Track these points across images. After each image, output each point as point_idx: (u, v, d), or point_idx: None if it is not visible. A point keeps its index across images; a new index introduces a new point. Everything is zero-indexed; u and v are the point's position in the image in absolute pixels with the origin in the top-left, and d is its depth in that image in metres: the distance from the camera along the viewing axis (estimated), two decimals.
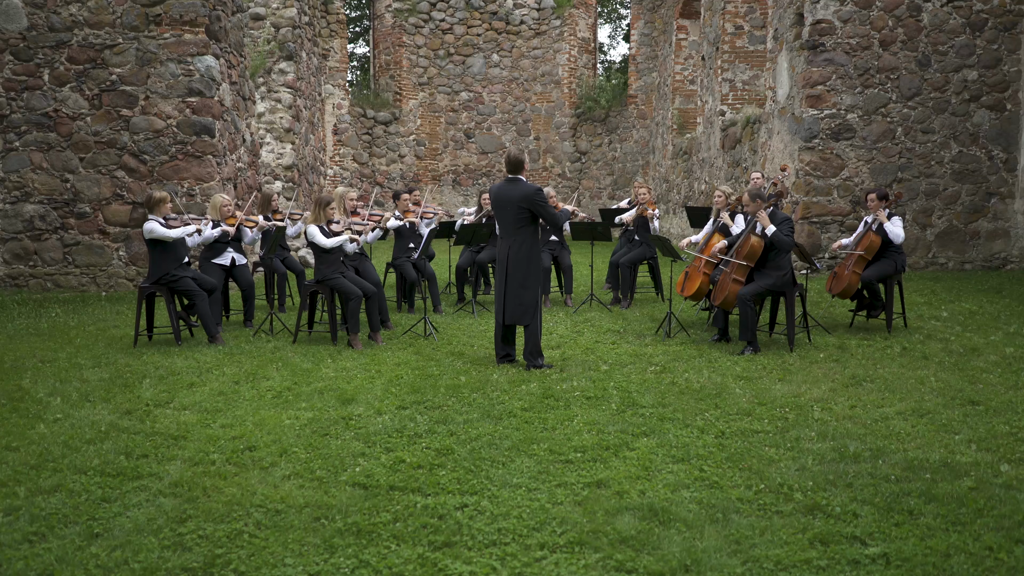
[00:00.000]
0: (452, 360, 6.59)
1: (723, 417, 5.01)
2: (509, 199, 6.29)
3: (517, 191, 6.28)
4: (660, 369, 6.34)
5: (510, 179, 6.38)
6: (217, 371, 6.20)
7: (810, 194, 10.97)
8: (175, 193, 10.54)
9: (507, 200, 6.30)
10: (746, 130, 13.09)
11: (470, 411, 5.16)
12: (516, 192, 6.28)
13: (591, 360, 6.62)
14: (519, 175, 6.36)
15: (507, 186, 6.36)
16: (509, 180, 6.38)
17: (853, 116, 10.93)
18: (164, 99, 10.48)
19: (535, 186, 6.36)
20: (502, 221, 6.39)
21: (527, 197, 6.23)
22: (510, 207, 6.28)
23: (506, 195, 6.32)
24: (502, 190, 6.38)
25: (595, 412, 5.14)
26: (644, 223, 9.26)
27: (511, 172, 6.39)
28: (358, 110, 19.80)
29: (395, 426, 4.84)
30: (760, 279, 6.94)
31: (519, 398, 5.45)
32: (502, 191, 6.37)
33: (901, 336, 7.42)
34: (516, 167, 6.36)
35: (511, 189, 6.32)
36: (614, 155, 20.38)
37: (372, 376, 6.03)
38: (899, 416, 5.02)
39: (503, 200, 6.34)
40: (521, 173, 6.37)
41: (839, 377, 6.04)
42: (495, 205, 6.44)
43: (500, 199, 6.37)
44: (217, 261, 7.91)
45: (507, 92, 20.85)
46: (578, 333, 7.82)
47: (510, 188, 6.33)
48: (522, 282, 6.33)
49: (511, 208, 6.28)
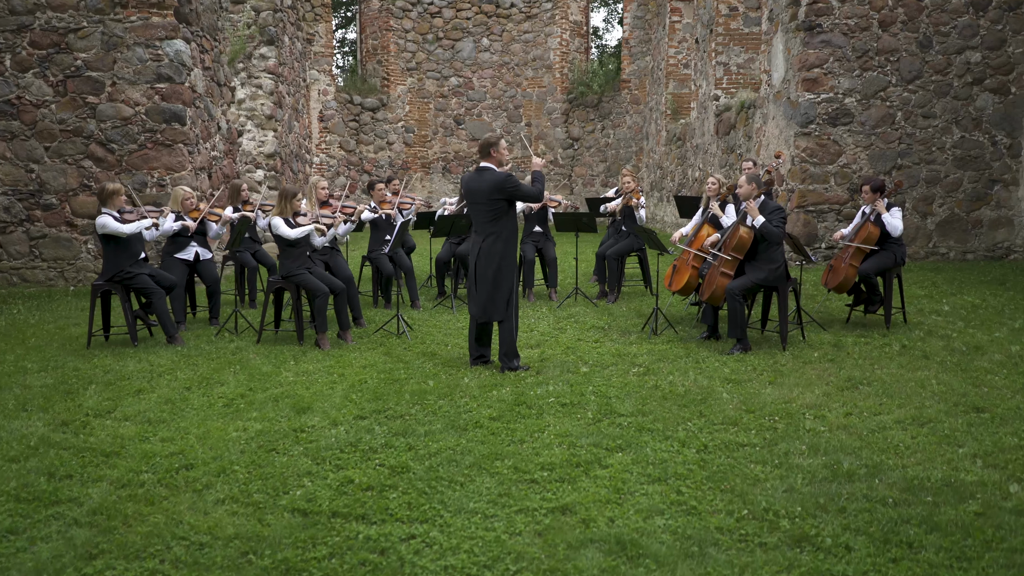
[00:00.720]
0: (423, 362, 6.19)
1: (707, 427, 4.62)
2: (479, 191, 5.87)
3: (486, 181, 5.85)
4: (643, 371, 5.94)
5: (480, 168, 5.96)
6: (169, 376, 5.80)
7: (806, 182, 10.55)
8: (145, 184, 10.14)
9: (477, 192, 5.88)
10: (740, 115, 12.65)
11: (434, 421, 4.77)
12: (485, 183, 5.85)
13: (571, 361, 6.22)
14: (488, 162, 5.93)
15: (477, 177, 5.93)
16: (480, 170, 5.96)
17: (851, 100, 10.49)
18: (132, 85, 10.03)
19: (504, 172, 5.91)
20: (475, 214, 5.98)
21: (497, 187, 5.81)
22: (482, 198, 5.87)
23: (476, 187, 5.90)
24: (472, 181, 5.95)
25: (569, 422, 4.75)
26: (631, 213, 8.85)
27: (480, 157, 5.98)
28: (345, 96, 19.32)
29: (349, 439, 4.45)
30: (750, 272, 6.53)
31: (489, 405, 5.06)
32: (472, 183, 5.95)
33: (900, 332, 7.03)
34: (483, 150, 5.93)
35: (480, 180, 5.89)
36: (607, 141, 19.92)
37: (334, 381, 5.64)
38: (898, 425, 4.63)
39: (473, 192, 5.92)
40: (491, 157, 5.92)
41: (834, 379, 5.65)
42: (467, 198, 6.02)
43: (471, 191, 5.95)
44: (180, 256, 7.50)
45: (497, 77, 20.37)
46: (560, 330, 7.42)
47: (480, 179, 5.90)
48: (495, 277, 5.92)
49: (483, 199, 5.86)
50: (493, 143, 5.94)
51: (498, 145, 5.97)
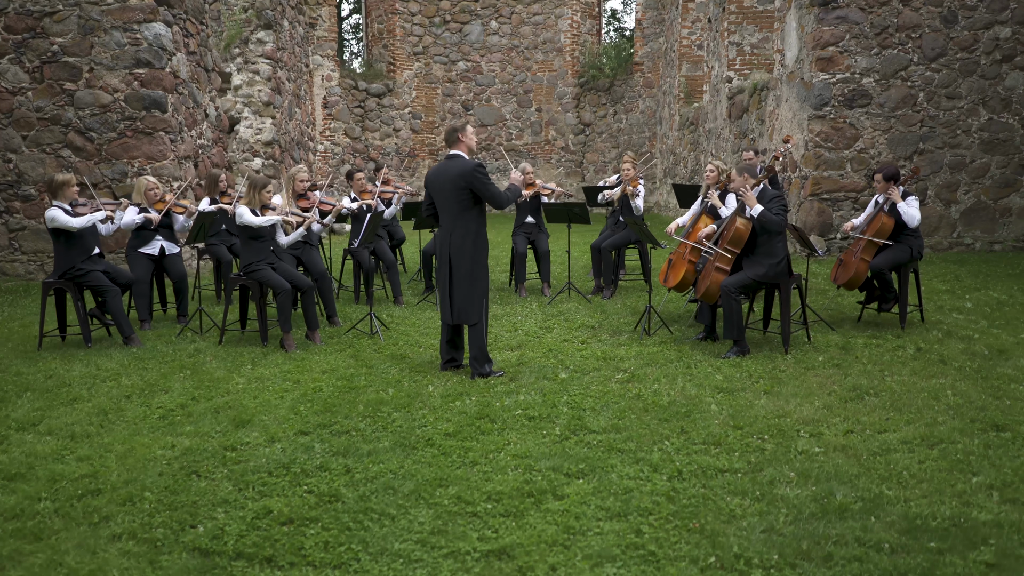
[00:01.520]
0: (389, 366, 5.72)
1: (685, 448, 4.10)
2: (445, 179, 5.37)
3: (454, 168, 5.36)
4: (628, 377, 5.43)
5: (449, 156, 5.46)
6: (113, 382, 5.38)
7: (820, 168, 9.91)
8: (125, 174, 9.76)
9: (443, 180, 5.38)
10: (753, 98, 11.99)
11: (382, 437, 4.29)
12: (453, 169, 5.36)
13: (550, 366, 5.72)
14: (457, 149, 5.44)
15: (445, 164, 5.45)
16: (448, 158, 5.46)
17: (869, 80, 9.81)
18: (110, 71, 9.62)
19: (473, 161, 5.42)
20: (441, 205, 5.47)
21: (464, 175, 5.31)
22: (447, 188, 5.37)
23: (442, 174, 5.41)
24: (438, 169, 5.47)
25: (532, 439, 4.25)
26: (629, 202, 8.29)
27: (448, 145, 5.48)
28: (349, 82, 18.85)
29: (283, 460, 3.99)
30: (748, 268, 5.97)
31: (448, 419, 4.57)
32: (438, 170, 5.46)
33: (916, 333, 6.44)
34: (450, 138, 5.45)
35: (447, 167, 5.41)
36: (619, 126, 19.28)
37: (286, 389, 5.18)
38: (904, 446, 4.08)
39: (439, 180, 5.42)
40: (460, 143, 5.44)
41: (837, 389, 5.09)
42: (431, 186, 5.50)
43: (436, 180, 5.45)
44: (144, 251, 7.08)
45: (507, 61, 19.78)
46: (546, 329, 6.91)
47: (447, 165, 5.42)
48: (468, 275, 5.43)
49: (448, 188, 5.36)
50: (459, 128, 5.47)
51: (465, 130, 5.49)
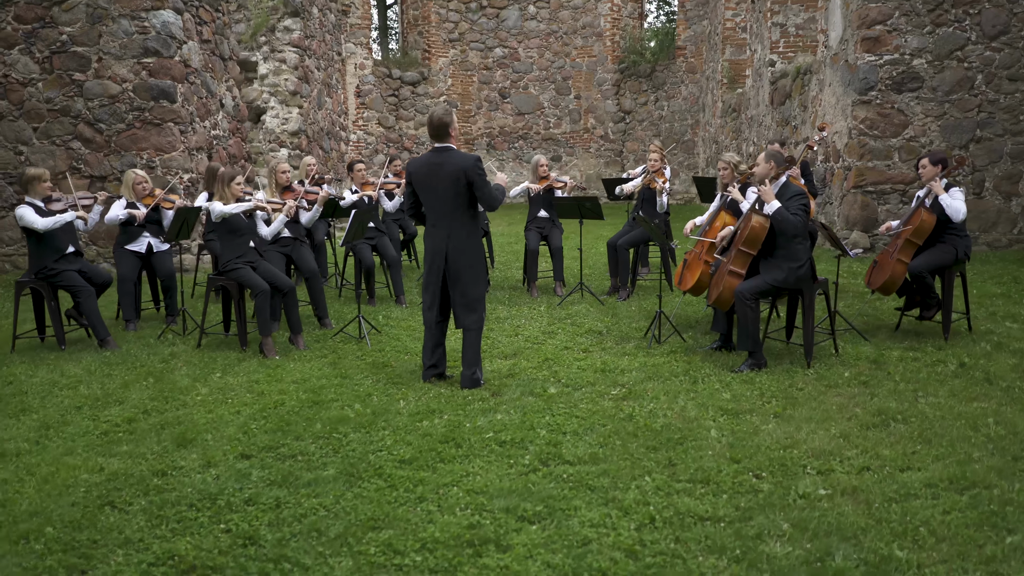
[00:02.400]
0: (365, 376, 5.28)
1: (667, 485, 3.55)
2: (439, 173, 4.90)
3: (450, 162, 4.88)
4: (623, 394, 4.88)
5: (438, 148, 4.97)
6: (71, 390, 5.06)
7: (864, 158, 9.12)
8: (134, 166, 9.52)
9: (438, 174, 4.90)
10: (796, 83, 11.20)
11: (330, 464, 3.85)
12: (449, 163, 4.89)
13: (541, 379, 5.20)
14: (447, 142, 4.97)
15: (435, 157, 4.96)
16: (437, 150, 4.97)
17: (920, 62, 8.97)
18: (118, 60, 9.39)
19: (473, 155, 4.97)
20: (435, 202, 4.98)
21: (466, 169, 4.84)
22: (444, 183, 4.89)
23: (435, 168, 4.92)
24: (430, 163, 4.97)
25: (495, 470, 3.75)
26: (652, 196, 7.69)
27: (437, 138, 4.98)
28: (383, 70, 18.49)
29: (213, 489, 3.58)
30: (766, 272, 5.35)
31: (409, 442, 4.10)
32: (430, 164, 4.96)
33: (961, 345, 5.73)
34: (441, 131, 4.96)
35: (441, 160, 4.92)
36: (661, 114, 18.51)
37: (246, 402, 4.78)
38: (927, 491, 3.45)
39: (432, 175, 4.93)
40: (450, 136, 4.97)
41: (860, 412, 4.46)
42: (420, 183, 5.00)
43: (428, 174, 4.95)
44: (131, 248, 6.78)
45: (545, 47, 19.16)
46: (549, 335, 6.39)
47: (439, 159, 4.93)
48: (471, 278, 4.98)
49: (446, 184, 4.89)
50: (449, 120, 4.99)
51: (453, 122, 5.02)
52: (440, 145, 4.97)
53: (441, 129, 4.95)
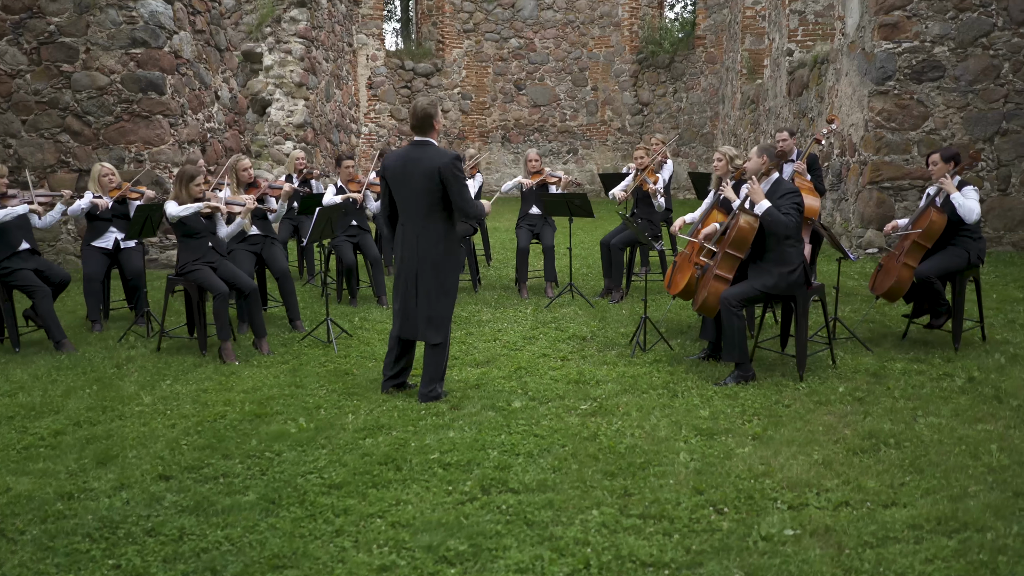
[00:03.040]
0: (320, 386, 4.95)
1: (616, 520, 3.17)
2: (414, 170, 4.49)
3: (427, 158, 4.49)
4: (593, 409, 4.50)
5: (417, 142, 4.58)
6: (9, 397, 4.80)
7: (881, 152, 8.59)
8: (122, 159, 9.31)
9: (412, 171, 4.50)
10: (813, 73, 10.66)
11: (252, 487, 3.52)
12: (425, 160, 4.49)
13: (509, 390, 4.84)
14: (428, 136, 4.58)
15: (413, 152, 4.55)
16: (416, 144, 4.57)
17: (942, 50, 8.42)
18: (106, 51, 9.17)
19: (451, 152, 4.56)
20: (405, 201, 4.57)
21: (441, 167, 4.43)
22: (416, 180, 4.49)
23: (411, 164, 4.52)
24: (406, 157, 4.55)
25: (430, 499, 3.40)
26: (647, 196, 7.26)
27: (418, 130, 4.58)
28: (395, 61, 18.17)
29: (117, 516, 3.27)
30: (754, 277, 4.92)
31: (345, 463, 3.77)
32: (406, 159, 4.54)
33: (972, 356, 5.25)
34: (424, 123, 4.55)
35: (418, 155, 4.51)
36: (679, 106, 17.98)
37: (185, 414, 4.47)
38: (911, 532, 3.03)
39: (405, 171, 4.52)
40: (433, 130, 4.57)
41: (849, 434, 4.03)
42: (393, 178, 4.59)
43: (402, 170, 4.54)
44: (98, 244, 6.54)
45: (561, 37, 18.71)
46: (530, 340, 6.02)
47: (417, 154, 4.53)
48: (439, 286, 4.60)
49: (418, 182, 4.48)
50: (433, 111, 4.56)
51: (438, 115, 4.62)
52: (420, 139, 4.57)
53: (424, 121, 4.53)
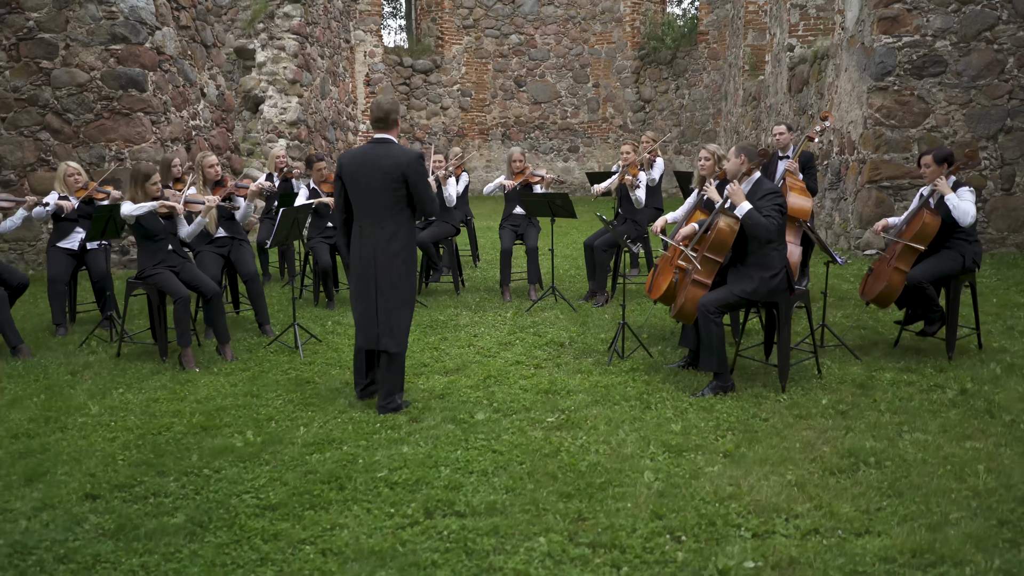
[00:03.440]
0: (276, 396, 4.73)
1: (562, 550, 2.93)
2: (375, 167, 4.28)
3: (389, 155, 4.28)
4: (560, 422, 4.26)
5: (377, 140, 4.36)
6: None
7: (880, 150, 8.30)
8: (102, 158, 9.14)
9: (372, 169, 4.28)
10: (813, 68, 10.37)
11: (182, 508, 3.30)
12: (388, 157, 4.28)
13: (474, 400, 4.60)
14: (389, 133, 4.37)
15: (373, 150, 4.33)
16: (376, 142, 4.36)
17: (944, 44, 8.11)
18: (85, 47, 8.98)
19: (415, 151, 4.36)
20: (364, 200, 4.35)
21: (404, 164, 4.24)
22: (376, 179, 4.27)
23: (369, 162, 4.30)
24: (366, 154, 4.34)
25: (369, 523, 3.17)
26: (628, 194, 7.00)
27: (380, 126, 4.37)
28: (394, 58, 17.96)
29: (33, 540, 3.06)
30: (734, 282, 4.67)
31: (286, 481, 3.54)
32: (365, 156, 4.33)
33: (967, 366, 4.98)
34: (387, 119, 4.35)
35: (379, 153, 4.31)
36: (681, 103, 17.69)
37: (129, 426, 4.26)
38: (883, 566, 2.78)
39: (364, 170, 4.30)
40: (395, 127, 4.37)
41: (827, 452, 3.78)
42: (350, 177, 4.36)
43: (359, 169, 4.32)
44: (63, 245, 6.35)
45: (562, 33, 18.45)
46: (506, 346, 5.78)
47: (377, 151, 4.32)
48: (398, 294, 4.39)
49: (379, 180, 4.27)
50: (396, 109, 4.38)
51: (399, 112, 4.41)
52: (380, 136, 4.37)
53: (387, 117, 4.34)
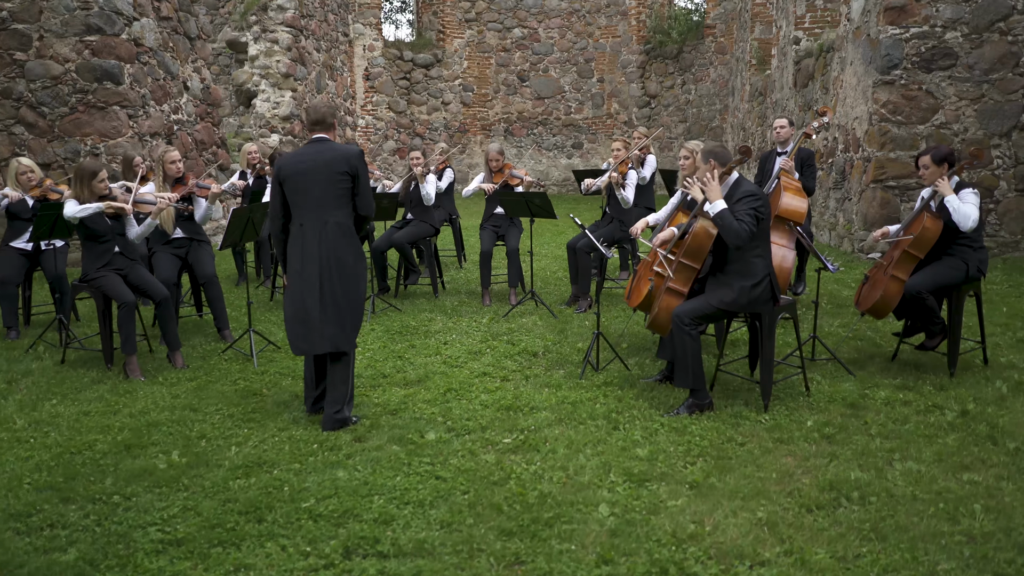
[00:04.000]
0: (215, 410, 4.39)
1: None
2: (317, 163, 4.10)
3: (331, 151, 4.13)
4: (516, 443, 3.89)
5: (316, 140, 4.22)
6: None
7: (886, 147, 7.86)
8: (78, 153, 8.85)
9: (314, 166, 4.10)
10: (819, 62, 9.92)
11: (77, 543, 2.97)
12: (329, 152, 4.12)
13: (428, 417, 4.25)
14: (328, 133, 4.25)
15: (313, 148, 4.18)
16: (315, 141, 4.22)
17: (954, 35, 7.66)
18: (60, 39, 8.69)
19: (357, 147, 4.16)
20: (306, 198, 4.12)
21: (347, 158, 4.10)
22: (320, 175, 4.09)
23: (310, 159, 4.12)
24: (305, 154, 4.17)
25: (278, 565, 2.82)
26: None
27: (316, 129, 4.23)
28: (394, 52, 17.61)
29: None
30: (712, 291, 4.28)
31: (200, 511, 3.20)
32: (305, 155, 4.16)
33: (969, 384, 4.57)
34: (324, 120, 4.23)
35: (320, 150, 4.15)
36: (688, 98, 17.22)
37: (47, 444, 3.93)
38: None
39: (308, 166, 4.11)
40: (333, 129, 4.27)
41: (807, 484, 3.39)
42: (290, 176, 4.14)
43: (301, 166, 4.12)
44: (16, 245, 6.06)
45: (566, 27, 18.03)
46: (475, 355, 5.42)
47: (318, 149, 4.16)
48: (345, 291, 4.13)
49: (323, 176, 4.09)
50: (333, 114, 4.29)
51: (336, 115, 4.22)
52: (319, 136, 4.23)
53: (325, 116, 4.23)
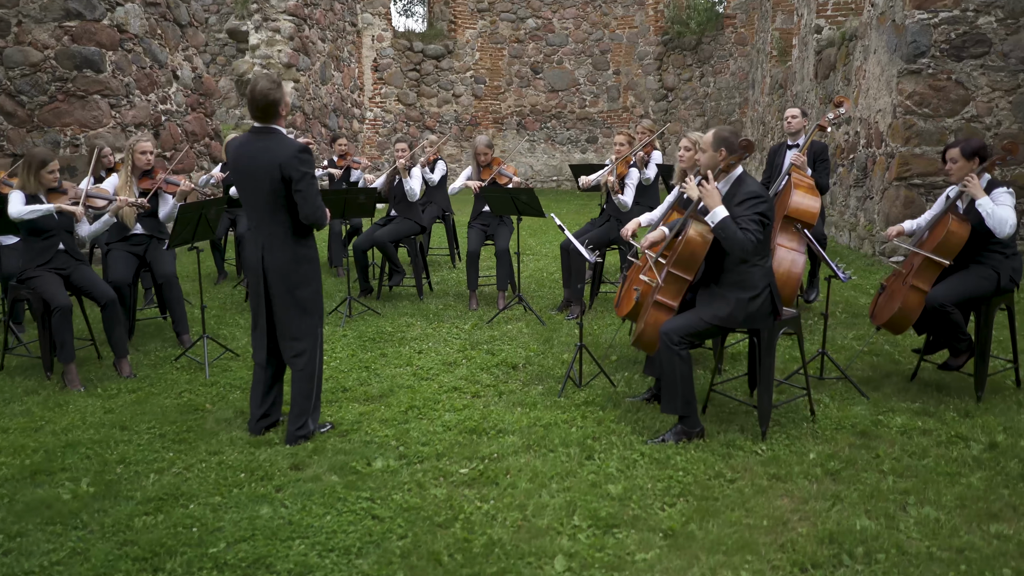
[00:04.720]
0: (151, 426, 3.96)
1: None
2: (257, 163, 3.60)
3: (269, 150, 3.59)
4: (475, 475, 3.41)
5: (258, 129, 3.67)
6: None
7: (911, 142, 7.27)
8: (58, 143, 8.49)
9: (255, 164, 3.61)
10: (841, 51, 9.32)
11: None
12: (267, 152, 3.59)
13: (380, 441, 3.78)
14: (274, 123, 3.68)
15: (255, 142, 3.64)
16: (257, 132, 3.66)
17: (988, 20, 7.04)
18: (38, 24, 8.32)
19: (300, 143, 3.64)
20: (250, 198, 3.69)
21: (284, 161, 3.56)
22: (259, 176, 3.60)
23: (252, 155, 3.62)
24: (247, 148, 3.65)
25: None
26: (623, 189, 6.11)
27: (260, 117, 3.67)
28: (404, 43, 17.15)
29: None
30: (704, 304, 3.76)
31: (90, 556, 2.76)
32: (246, 150, 3.65)
33: (999, 410, 4.02)
34: (267, 110, 3.64)
35: (260, 146, 3.62)
36: (706, 91, 16.59)
37: None
38: None
39: (249, 164, 3.63)
40: (278, 117, 3.68)
41: (803, 534, 2.88)
42: (236, 171, 3.69)
43: (242, 162, 3.65)
44: None
45: (581, 17, 17.46)
46: (450, 366, 4.95)
47: (259, 145, 3.63)
48: (293, 302, 3.68)
49: (261, 177, 3.60)
50: (278, 99, 3.65)
51: (284, 100, 3.68)
52: (262, 125, 3.66)
53: (268, 108, 3.62)
